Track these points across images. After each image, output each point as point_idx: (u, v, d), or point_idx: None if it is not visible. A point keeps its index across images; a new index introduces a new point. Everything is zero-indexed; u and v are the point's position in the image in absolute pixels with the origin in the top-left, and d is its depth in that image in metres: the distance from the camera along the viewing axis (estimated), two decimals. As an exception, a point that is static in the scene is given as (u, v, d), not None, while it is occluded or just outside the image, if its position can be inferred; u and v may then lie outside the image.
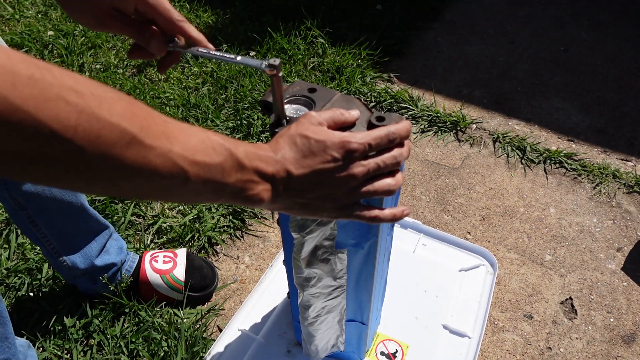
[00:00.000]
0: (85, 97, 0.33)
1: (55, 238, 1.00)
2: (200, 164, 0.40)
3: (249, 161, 0.44)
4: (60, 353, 1.08)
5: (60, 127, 0.31)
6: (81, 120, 0.32)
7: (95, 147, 0.33)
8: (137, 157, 0.36)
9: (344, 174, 0.47)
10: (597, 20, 2.23)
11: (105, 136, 0.33)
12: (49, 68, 0.32)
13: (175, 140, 0.38)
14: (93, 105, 0.33)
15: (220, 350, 1.03)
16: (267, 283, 1.16)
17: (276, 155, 0.46)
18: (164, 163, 0.37)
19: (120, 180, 0.36)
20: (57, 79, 0.32)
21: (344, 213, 0.50)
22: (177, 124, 0.40)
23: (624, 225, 1.40)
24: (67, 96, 0.32)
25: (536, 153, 1.60)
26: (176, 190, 0.40)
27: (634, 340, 1.16)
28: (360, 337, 0.91)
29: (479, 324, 1.08)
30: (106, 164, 0.34)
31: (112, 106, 0.34)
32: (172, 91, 1.76)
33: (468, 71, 1.95)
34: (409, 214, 0.53)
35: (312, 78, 1.83)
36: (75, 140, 0.32)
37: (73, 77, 0.33)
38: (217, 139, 0.42)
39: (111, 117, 0.34)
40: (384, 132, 0.49)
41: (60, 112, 0.31)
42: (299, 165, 0.46)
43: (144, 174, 0.37)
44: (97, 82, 0.35)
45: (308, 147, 0.46)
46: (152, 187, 0.39)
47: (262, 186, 0.45)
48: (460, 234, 1.36)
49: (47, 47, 1.97)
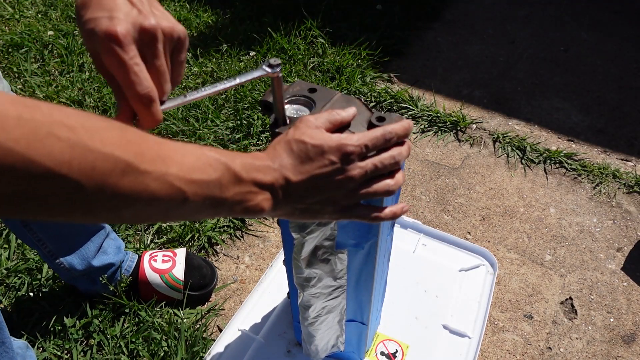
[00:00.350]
0: (77, 130, 0.33)
1: (51, 241, 1.00)
2: (197, 182, 0.40)
3: (246, 173, 0.44)
4: (60, 353, 1.08)
5: (55, 163, 0.31)
6: (75, 154, 0.32)
7: (91, 179, 0.33)
8: (134, 184, 0.36)
9: (342, 177, 0.47)
10: (597, 20, 2.23)
11: (100, 167, 0.33)
12: (37, 105, 0.32)
13: (170, 162, 0.38)
14: (85, 138, 0.33)
15: (220, 350, 1.03)
16: (267, 283, 1.16)
17: (274, 164, 0.46)
18: (161, 186, 0.37)
19: (120, 207, 0.36)
20: (47, 116, 0.31)
21: (344, 215, 0.50)
22: (172, 144, 0.40)
23: (624, 225, 1.40)
24: (58, 132, 0.32)
25: (536, 153, 1.60)
26: (176, 210, 0.40)
27: (634, 340, 1.16)
28: (360, 337, 0.91)
29: (479, 324, 1.08)
30: (104, 194, 0.34)
31: (104, 136, 0.34)
32: (172, 91, 1.76)
33: (468, 71, 1.95)
34: (408, 210, 0.54)
35: (312, 78, 1.83)
36: (70, 175, 0.32)
37: (63, 111, 0.33)
38: (213, 155, 0.42)
39: (104, 147, 0.34)
40: (379, 132, 0.49)
41: (52, 149, 0.31)
42: (297, 172, 0.46)
43: (142, 199, 0.37)
44: (87, 113, 0.35)
45: (305, 153, 0.46)
46: (152, 211, 0.39)
47: (261, 196, 0.45)
48: (460, 234, 1.36)
49: (47, 47, 1.97)
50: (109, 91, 1.75)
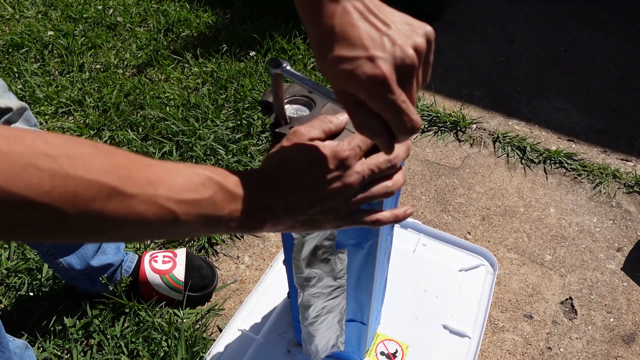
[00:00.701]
0: (59, 159, 0.33)
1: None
2: (188, 202, 0.40)
3: (241, 190, 0.43)
4: (60, 353, 1.08)
5: (34, 194, 0.31)
6: (55, 183, 0.32)
7: (74, 206, 0.33)
8: (120, 208, 0.36)
9: (339, 185, 0.47)
10: (597, 20, 2.23)
11: (83, 194, 0.34)
12: (19, 137, 0.32)
13: (160, 183, 0.38)
14: (67, 167, 0.33)
15: (220, 350, 1.03)
16: (267, 283, 1.16)
17: (271, 181, 0.46)
18: (149, 208, 0.37)
19: (108, 231, 0.37)
20: (28, 147, 0.32)
21: (346, 222, 0.50)
22: (162, 165, 0.40)
23: (624, 225, 1.40)
24: (38, 163, 0.32)
25: (536, 153, 1.60)
26: (168, 230, 0.40)
27: (634, 340, 1.16)
28: (360, 337, 0.91)
29: (479, 324, 1.08)
30: (89, 220, 0.35)
31: (88, 163, 0.34)
32: (172, 91, 1.76)
33: (468, 71, 1.95)
34: (412, 213, 0.53)
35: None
36: (52, 203, 0.32)
37: (47, 141, 0.33)
38: (205, 173, 0.42)
39: (87, 174, 0.34)
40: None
41: (31, 180, 0.31)
42: (295, 186, 0.46)
43: (131, 222, 0.37)
44: (75, 139, 0.35)
45: (300, 166, 0.46)
46: (142, 232, 0.39)
47: (260, 214, 0.45)
48: (460, 234, 1.36)
49: (47, 47, 1.97)
50: (109, 91, 1.75)
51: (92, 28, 2.10)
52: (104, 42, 2.02)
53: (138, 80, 1.82)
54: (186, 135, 1.57)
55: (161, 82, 1.83)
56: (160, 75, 1.87)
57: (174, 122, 1.61)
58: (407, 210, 0.52)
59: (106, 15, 2.16)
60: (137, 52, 1.97)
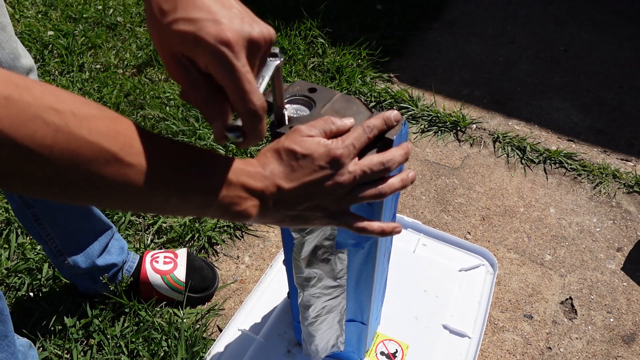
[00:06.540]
0: (65, 115, 0.33)
1: (59, 237, 1.00)
2: (183, 181, 0.40)
3: (235, 177, 0.44)
4: (61, 353, 1.08)
5: (36, 146, 0.31)
6: (58, 139, 0.32)
7: (72, 164, 0.33)
8: (116, 175, 0.36)
9: (331, 183, 0.47)
10: (597, 20, 2.24)
11: (83, 155, 0.34)
12: (29, 87, 0.32)
13: (158, 158, 0.38)
14: (72, 124, 0.33)
15: (220, 350, 1.03)
16: (267, 283, 1.16)
17: (265, 171, 0.46)
18: (143, 180, 0.37)
19: (99, 195, 0.37)
20: (37, 99, 0.32)
21: (333, 221, 0.50)
22: (164, 140, 0.40)
23: (624, 225, 1.40)
24: (45, 116, 0.32)
25: (536, 153, 1.60)
26: (159, 206, 0.40)
27: (634, 340, 1.16)
28: (360, 337, 0.91)
29: (479, 324, 1.08)
30: (85, 181, 0.35)
31: (94, 125, 0.34)
32: (172, 91, 1.76)
33: (468, 71, 1.95)
34: (401, 231, 0.53)
35: (312, 78, 1.83)
36: (51, 158, 0.32)
37: (56, 95, 0.33)
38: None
39: (90, 135, 0.34)
40: (360, 129, 0.49)
41: (36, 131, 0.31)
42: (289, 179, 0.46)
43: (123, 190, 0.37)
44: (83, 100, 0.35)
45: (295, 161, 0.46)
46: (133, 203, 0.39)
47: (250, 202, 0.45)
48: (460, 234, 1.36)
49: (47, 47, 1.97)
50: (109, 91, 1.75)
51: (92, 28, 2.10)
52: (104, 42, 2.02)
53: (138, 80, 1.82)
54: (186, 135, 1.57)
55: (161, 82, 1.83)
56: (160, 75, 1.87)
57: (174, 122, 1.61)
58: (395, 228, 0.52)
59: (106, 15, 2.16)
60: (137, 52, 1.97)
